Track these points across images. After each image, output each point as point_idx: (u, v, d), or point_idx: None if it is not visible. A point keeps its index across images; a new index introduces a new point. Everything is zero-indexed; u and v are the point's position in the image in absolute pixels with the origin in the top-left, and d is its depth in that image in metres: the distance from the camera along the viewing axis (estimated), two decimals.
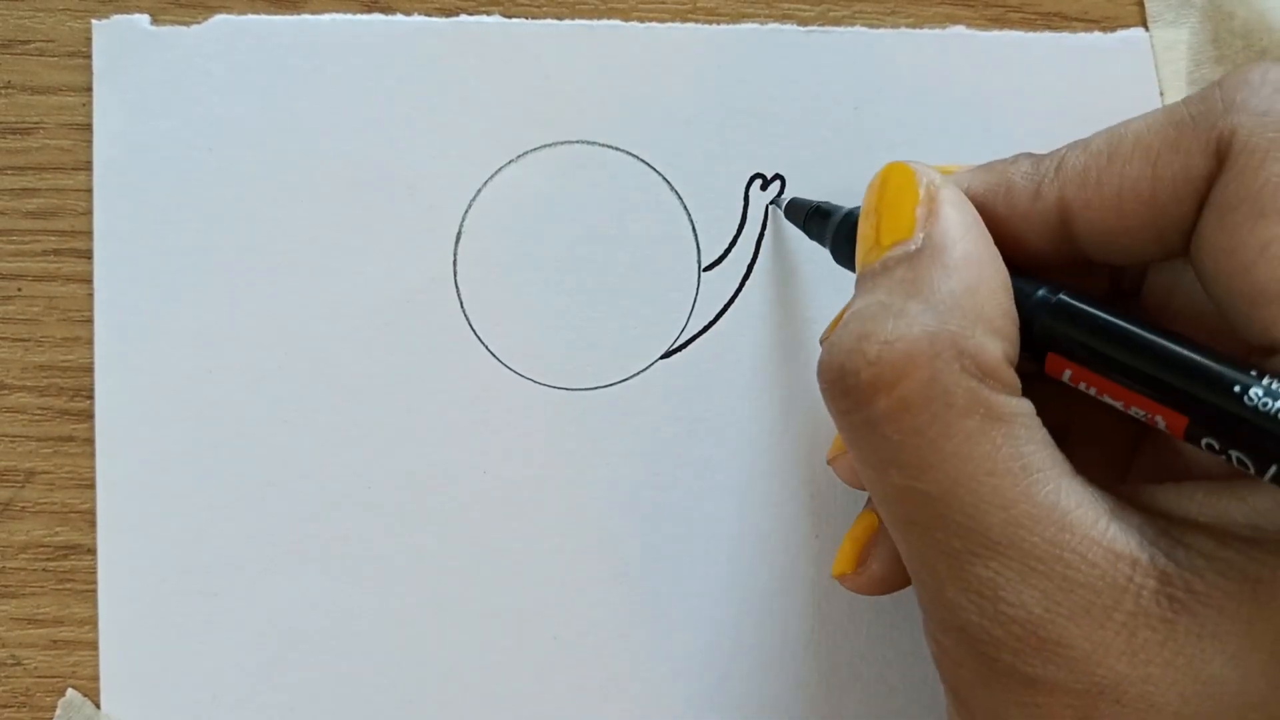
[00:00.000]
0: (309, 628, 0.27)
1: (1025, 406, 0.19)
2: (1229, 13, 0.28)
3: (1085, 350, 0.20)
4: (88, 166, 0.27)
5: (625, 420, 0.28)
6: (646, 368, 0.28)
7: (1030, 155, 0.22)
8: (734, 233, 0.28)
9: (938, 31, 0.28)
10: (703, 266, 0.28)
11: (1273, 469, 0.17)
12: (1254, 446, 0.18)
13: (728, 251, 0.28)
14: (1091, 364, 0.20)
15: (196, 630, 0.27)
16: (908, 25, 0.29)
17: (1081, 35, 0.29)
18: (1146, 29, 0.29)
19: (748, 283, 0.28)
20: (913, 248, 0.20)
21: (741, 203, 0.28)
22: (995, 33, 0.29)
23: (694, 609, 0.27)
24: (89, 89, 0.28)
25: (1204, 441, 0.18)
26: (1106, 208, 0.20)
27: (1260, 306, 0.18)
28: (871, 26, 0.28)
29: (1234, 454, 0.18)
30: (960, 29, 0.29)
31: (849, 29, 0.28)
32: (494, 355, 0.28)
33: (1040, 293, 0.20)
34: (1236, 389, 0.18)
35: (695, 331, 0.28)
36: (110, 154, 0.27)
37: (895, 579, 0.24)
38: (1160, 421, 0.19)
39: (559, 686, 0.27)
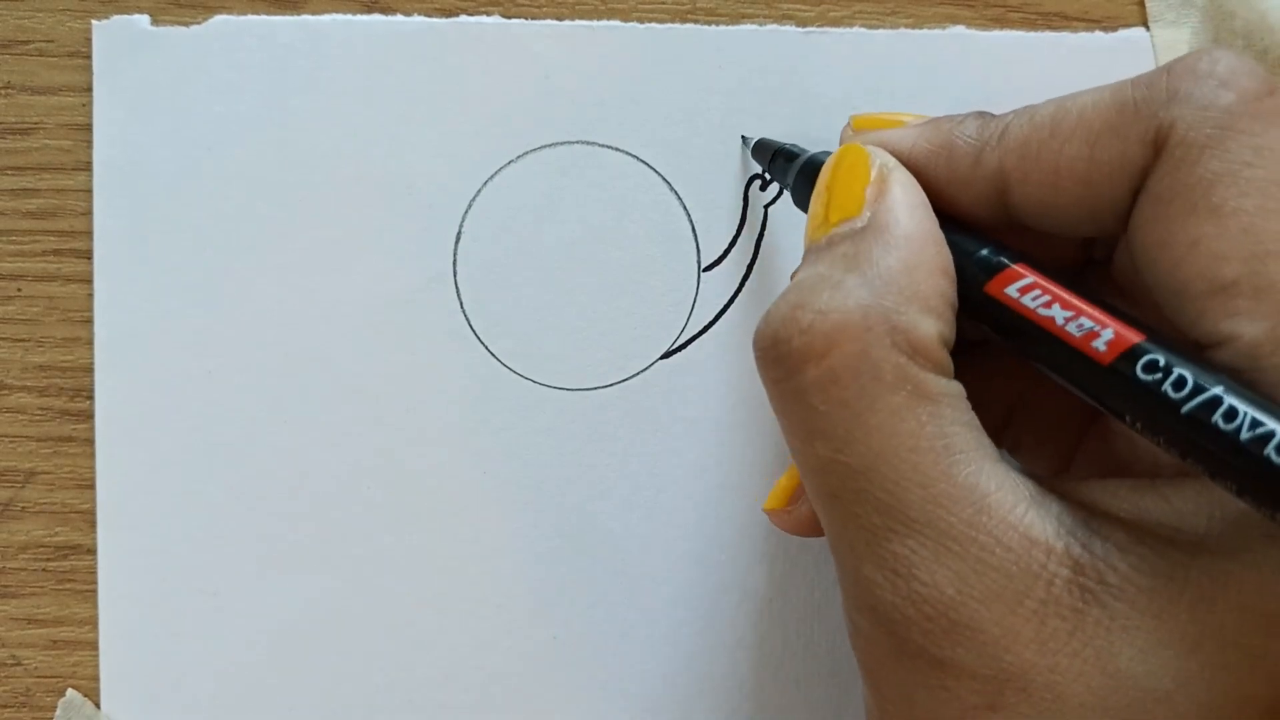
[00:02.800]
0: (309, 628, 0.27)
1: (954, 388, 0.19)
2: (1230, 12, 0.28)
3: (1039, 266, 0.20)
4: (88, 167, 0.28)
5: (625, 420, 0.28)
6: (646, 368, 0.28)
7: (980, 116, 0.22)
8: (734, 233, 0.28)
9: (938, 31, 0.28)
10: (703, 266, 0.28)
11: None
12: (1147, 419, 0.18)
13: (728, 251, 0.28)
14: (1047, 275, 0.20)
15: (196, 630, 0.27)
16: (907, 25, 0.29)
17: (1082, 35, 0.29)
18: (1147, 29, 0.29)
19: (748, 283, 0.28)
20: (859, 225, 0.20)
21: (741, 203, 0.28)
22: (995, 33, 0.29)
23: (694, 609, 0.27)
24: (89, 89, 0.28)
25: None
26: (1043, 183, 0.20)
27: (1187, 301, 0.18)
28: (871, 27, 0.28)
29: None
30: (960, 29, 0.29)
31: (848, 29, 0.28)
32: (494, 355, 0.28)
33: (983, 252, 0.20)
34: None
35: (695, 331, 0.28)
36: (110, 154, 0.27)
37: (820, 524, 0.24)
38: (1104, 337, 0.18)
39: (559, 686, 0.27)
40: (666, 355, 0.28)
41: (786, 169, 0.25)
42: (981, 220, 0.21)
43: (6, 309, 0.27)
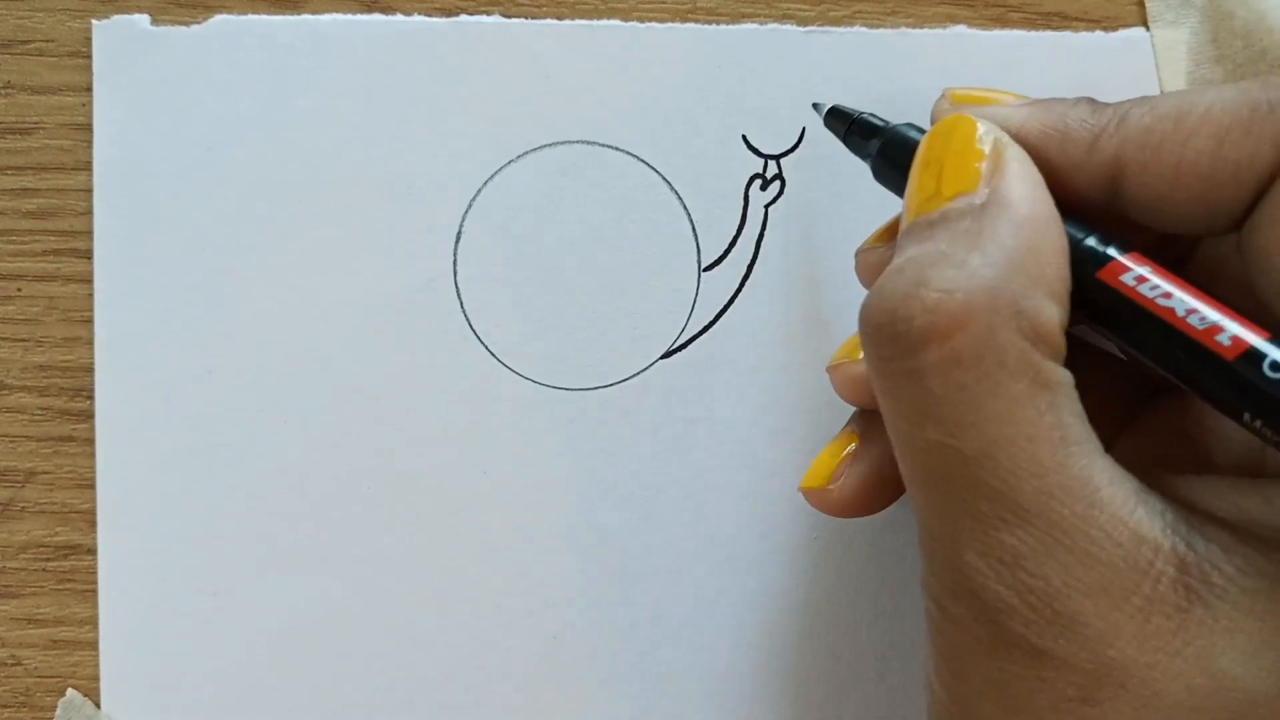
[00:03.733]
0: (309, 628, 0.27)
1: (1068, 377, 0.19)
2: (1229, 12, 0.28)
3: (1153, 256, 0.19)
4: (88, 166, 0.28)
5: (625, 420, 0.28)
6: (646, 368, 0.28)
7: (1091, 101, 0.21)
8: (734, 233, 0.28)
9: (938, 31, 0.28)
10: (703, 266, 0.28)
11: None
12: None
13: (728, 251, 0.28)
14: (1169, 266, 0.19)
15: (196, 630, 0.27)
16: (908, 25, 0.29)
17: (1082, 35, 0.29)
18: (1147, 29, 0.29)
19: (748, 283, 0.28)
20: (977, 201, 0.20)
21: (741, 203, 0.28)
22: (996, 32, 0.29)
23: (693, 608, 0.27)
24: (89, 89, 0.28)
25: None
26: (1163, 175, 0.20)
27: None
28: (871, 27, 0.28)
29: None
30: (961, 29, 0.29)
31: (849, 29, 0.28)
32: (494, 355, 0.28)
33: (1092, 240, 0.20)
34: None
35: (695, 331, 0.28)
36: (110, 154, 0.27)
37: (861, 502, 0.23)
38: (1228, 332, 0.18)
39: (559, 686, 0.27)
40: (666, 355, 0.28)
41: (865, 143, 0.24)
42: (1087, 208, 0.21)
43: (6, 309, 0.27)
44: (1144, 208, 0.20)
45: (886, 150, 0.24)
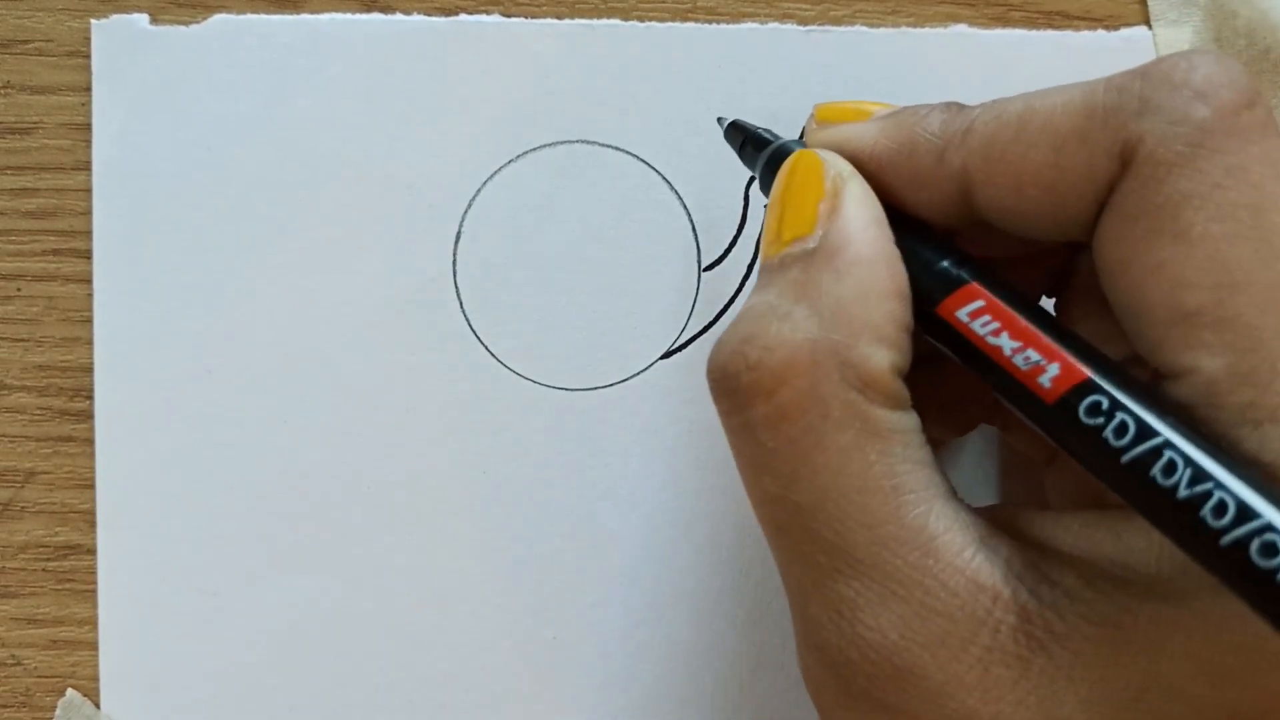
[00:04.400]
0: (309, 628, 0.27)
1: (906, 422, 0.19)
2: (1232, 11, 0.28)
3: (997, 286, 0.19)
4: (87, 166, 0.27)
5: (625, 420, 0.28)
6: (646, 368, 0.28)
7: (947, 108, 0.20)
8: (734, 233, 0.28)
9: (939, 30, 0.28)
10: (703, 266, 0.28)
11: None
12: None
13: (728, 251, 0.28)
14: (1003, 298, 0.19)
15: (196, 630, 0.27)
16: (909, 24, 0.28)
17: (1084, 34, 0.29)
18: (1149, 28, 0.29)
19: (748, 283, 0.28)
20: (810, 245, 0.19)
21: (741, 203, 0.28)
22: (997, 31, 0.29)
23: (693, 609, 0.27)
24: (88, 89, 0.28)
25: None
26: (1006, 186, 0.19)
27: (1147, 327, 0.18)
28: (872, 26, 0.28)
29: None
30: (962, 28, 0.28)
31: (849, 28, 0.28)
32: (494, 355, 0.28)
33: (943, 264, 0.19)
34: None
35: (695, 331, 0.28)
36: (109, 154, 0.27)
37: None
38: (1049, 373, 0.18)
39: (559, 686, 0.27)
40: (666, 355, 0.28)
41: (755, 158, 0.24)
42: (947, 220, 0.20)
43: (6, 309, 0.27)
44: (998, 219, 0.20)
45: (768, 166, 0.23)
